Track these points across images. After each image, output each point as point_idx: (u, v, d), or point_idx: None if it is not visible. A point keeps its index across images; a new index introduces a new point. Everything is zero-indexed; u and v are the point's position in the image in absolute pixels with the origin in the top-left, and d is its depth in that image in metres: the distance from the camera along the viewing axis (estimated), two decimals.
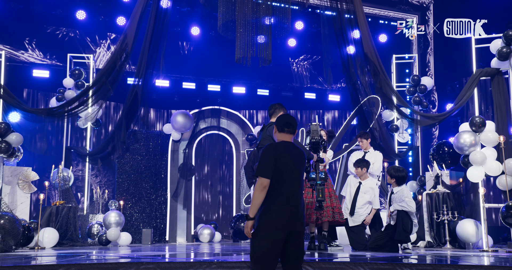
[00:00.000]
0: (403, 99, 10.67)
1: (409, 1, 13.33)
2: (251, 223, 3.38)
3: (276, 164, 3.41)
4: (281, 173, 3.40)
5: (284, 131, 3.60)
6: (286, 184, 3.41)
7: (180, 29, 13.20)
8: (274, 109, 6.27)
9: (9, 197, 8.73)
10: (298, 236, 3.39)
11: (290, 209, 3.36)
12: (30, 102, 11.82)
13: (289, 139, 3.60)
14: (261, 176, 3.37)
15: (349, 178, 7.94)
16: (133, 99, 10.05)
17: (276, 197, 3.37)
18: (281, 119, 3.62)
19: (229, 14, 9.60)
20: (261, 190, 3.36)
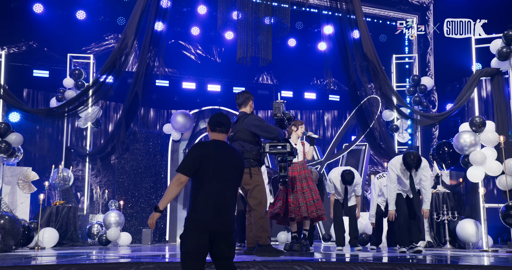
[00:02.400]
0: (403, 99, 10.67)
1: (409, 1, 13.33)
2: (157, 215, 3.33)
3: (202, 163, 3.35)
4: (207, 173, 3.35)
5: (216, 130, 3.56)
6: (212, 184, 3.34)
7: (180, 29, 13.21)
8: (244, 98, 5.94)
9: (9, 197, 8.72)
10: (225, 236, 3.34)
11: (216, 209, 3.30)
12: (30, 102, 11.82)
13: (221, 138, 3.55)
14: (181, 172, 3.32)
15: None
16: (133, 99, 10.05)
17: (202, 197, 3.32)
18: (214, 118, 3.59)
19: (229, 14, 9.60)
20: (176, 185, 3.31)
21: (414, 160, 6.51)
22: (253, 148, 5.51)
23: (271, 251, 5.47)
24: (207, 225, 3.27)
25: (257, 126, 5.51)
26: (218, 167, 3.39)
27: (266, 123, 5.57)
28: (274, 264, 4.59)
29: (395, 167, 6.74)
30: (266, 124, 5.55)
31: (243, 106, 5.91)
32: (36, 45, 11.91)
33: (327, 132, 14.55)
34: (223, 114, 3.63)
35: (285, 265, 4.57)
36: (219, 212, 3.32)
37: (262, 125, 5.53)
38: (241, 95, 5.96)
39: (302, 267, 4.52)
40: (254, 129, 5.50)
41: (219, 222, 3.32)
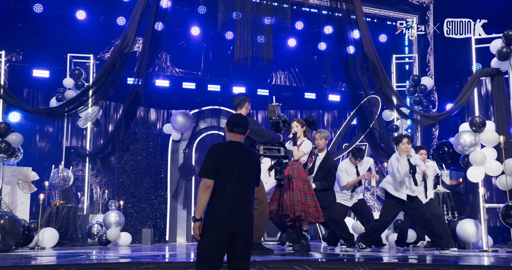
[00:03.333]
0: (403, 99, 10.67)
1: (409, 1, 13.34)
2: (198, 225, 3.37)
3: (220, 164, 3.40)
4: (225, 173, 3.39)
5: (234, 131, 3.60)
6: (231, 184, 3.39)
7: (180, 29, 13.21)
8: (240, 100, 5.88)
9: (9, 197, 8.72)
10: (243, 237, 3.38)
11: (234, 210, 3.35)
12: (30, 102, 11.81)
13: (238, 139, 3.60)
14: (204, 176, 3.37)
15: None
16: (133, 99, 10.04)
17: (220, 197, 3.37)
18: (232, 119, 3.63)
19: (229, 14, 9.61)
20: (204, 190, 3.37)
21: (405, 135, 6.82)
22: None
23: (260, 249, 5.52)
24: (226, 225, 3.32)
25: (250, 129, 5.48)
26: (236, 167, 3.44)
27: (259, 127, 5.56)
28: (274, 264, 4.59)
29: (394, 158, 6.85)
30: (260, 128, 5.54)
31: (239, 108, 5.87)
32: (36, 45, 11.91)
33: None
34: (242, 116, 3.69)
35: (285, 265, 4.57)
36: (238, 212, 3.37)
37: (255, 129, 5.53)
38: (237, 97, 5.90)
39: (302, 267, 4.53)
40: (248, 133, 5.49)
41: (238, 222, 3.36)
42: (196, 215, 3.38)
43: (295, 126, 6.74)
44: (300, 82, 14.36)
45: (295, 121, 6.80)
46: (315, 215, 6.39)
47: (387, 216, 7.09)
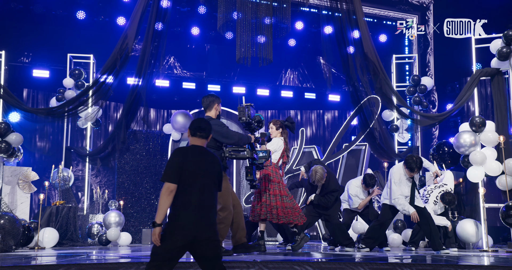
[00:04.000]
0: (403, 99, 10.67)
1: (409, 1, 13.33)
2: (158, 230, 3.33)
3: (184, 169, 3.37)
4: (188, 178, 3.37)
5: (196, 135, 3.56)
6: (194, 189, 3.37)
7: (180, 29, 13.21)
8: (208, 102, 5.76)
9: (9, 197, 8.72)
10: (208, 241, 3.36)
11: (197, 215, 3.33)
12: (30, 102, 11.81)
13: (201, 143, 3.57)
14: (167, 181, 3.34)
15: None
16: (133, 99, 10.04)
17: (183, 202, 3.34)
18: (194, 123, 3.59)
19: (229, 14, 9.61)
20: (167, 195, 3.33)
21: (417, 161, 6.66)
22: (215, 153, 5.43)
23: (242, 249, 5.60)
24: (189, 230, 3.29)
25: (216, 131, 5.46)
26: (199, 172, 3.41)
27: (226, 129, 5.53)
28: (274, 264, 4.59)
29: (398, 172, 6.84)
30: (226, 130, 5.51)
31: (208, 110, 5.78)
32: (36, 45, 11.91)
33: (327, 132, 14.55)
34: (204, 120, 3.65)
35: (285, 265, 4.58)
36: (201, 217, 3.34)
37: (221, 130, 5.50)
38: (205, 99, 5.82)
39: (302, 267, 4.53)
40: (214, 135, 5.45)
41: (201, 227, 3.33)
42: (157, 220, 3.34)
43: (270, 128, 6.77)
44: (300, 82, 14.35)
45: (271, 122, 6.83)
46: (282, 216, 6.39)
47: (385, 217, 7.15)
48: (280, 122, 6.80)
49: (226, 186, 5.50)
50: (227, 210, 5.47)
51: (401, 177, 6.83)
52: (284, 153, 6.68)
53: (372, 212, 8.07)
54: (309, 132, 14.30)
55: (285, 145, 6.69)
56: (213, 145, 5.49)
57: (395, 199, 6.80)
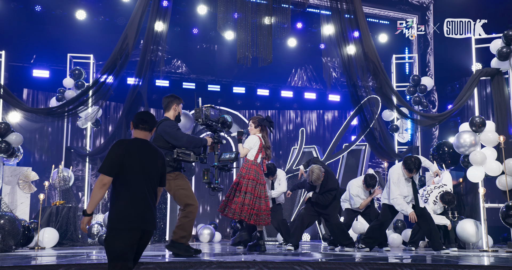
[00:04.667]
0: (403, 99, 10.67)
1: (409, 1, 13.33)
2: (87, 219, 3.36)
3: (124, 161, 3.33)
4: (130, 171, 3.33)
5: (139, 127, 3.51)
6: (136, 182, 3.34)
7: (180, 29, 13.20)
8: (167, 102, 5.76)
9: (9, 197, 8.72)
10: (148, 234, 3.40)
11: (142, 209, 3.33)
12: (30, 102, 11.81)
13: (143, 136, 3.52)
14: (103, 173, 3.31)
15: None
16: (133, 99, 10.04)
17: (127, 196, 3.32)
18: (137, 116, 3.55)
19: (229, 14, 9.60)
20: (100, 187, 3.31)
21: (415, 162, 6.66)
22: (167, 153, 5.44)
23: (181, 249, 5.45)
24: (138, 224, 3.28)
25: (167, 133, 5.46)
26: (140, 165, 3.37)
27: (175, 130, 5.46)
28: (274, 264, 4.59)
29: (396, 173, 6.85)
30: (175, 132, 5.45)
31: (166, 110, 5.77)
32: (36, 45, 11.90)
33: (327, 132, 14.55)
34: (148, 113, 3.60)
35: (285, 265, 4.58)
36: (145, 211, 3.34)
37: (170, 131, 5.47)
38: (165, 99, 5.81)
39: (302, 267, 4.53)
40: (165, 136, 5.47)
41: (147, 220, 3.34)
42: (88, 210, 3.33)
43: (250, 126, 6.79)
44: (300, 82, 14.35)
45: (251, 120, 6.83)
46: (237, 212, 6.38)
47: (385, 217, 7.17)
48: (257, 120, 6.79)
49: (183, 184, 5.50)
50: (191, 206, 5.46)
51: (399, 177, 6.84)
52: (261, 150, 6.63)
53: (374, 212, 8.07)
54: (309, 132, 14.30)
55: (263, 143, 6.64)
56: (165, 145, 5.45)
57: (393, 199, 6.82)
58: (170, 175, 5.44)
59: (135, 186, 3.34)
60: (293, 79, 14.37)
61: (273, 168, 8.01)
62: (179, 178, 5.54)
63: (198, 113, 5.67)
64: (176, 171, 5.53)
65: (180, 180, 5.53)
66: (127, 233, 3.26)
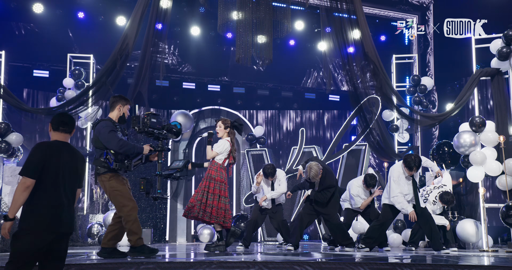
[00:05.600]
0: (403, 99, 10.67)
1: (409, 1, 13.34)
2: (9, 224, 3.28)
3: (45, 164, 3.30)
4: (49, 174, 3.30)
5: (59, 130, 3.47)
6: (55, 184, 3.31)
7: (180, 29, 13.21)
8: (111, 102, 5.55)
9: (9, 197, 8.73)
10: (65, 237, 3.36)
11: (58, 211, 3.29)
12: (30, 102, 11.82)
13: (63, 138, 3.49)
14: (26, 175, 3.26)
15: None
16: (133, 99, 10.03)
17: (43, 197, 3.28)
18: (57, 117, 3.50)
19: (229, 14, 9.60)
20: (23, 190, 3.25)
21: (416, 160, 6.67)
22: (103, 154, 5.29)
23: (144, 251, 5.35)
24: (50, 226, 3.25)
25: (100, 133, 5.27)
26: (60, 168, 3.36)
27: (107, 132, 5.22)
28: (274, 264, 4.59)
29: (397, 171, 6.85)
30: (107, 134, 5.21)
31: (110, 110, 5.58)
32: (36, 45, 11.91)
33: (327, 132, 14.56)
34: (67, 114, 3.57)
35: (285, 265, 4.58)
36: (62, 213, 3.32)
37: (104, 133, 5.25)
38: (111, 98, 5.64)
39: (302, 267, 4.53)
40: (99, 136, 5.30)
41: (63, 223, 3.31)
42: (10, 214, 3.27)
43: (218, 126, 6.72)
44: (300, 81, 14.36)
45: (220, 120, 6.77)
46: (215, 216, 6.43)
47: (386, 217, 7.17)
48: (229, 121, 6.77)
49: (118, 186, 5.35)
50: (127, 207, 5.33)
51: (400, 175, 6.84)
52: (230, 154, 6.64)
53: (374, 212, 8.07)
54: (309, 132, 14.30)
55: (232, 146, 6.64)
56: (100, 146, 5.30)
57: (393, 197, 6.81)
58: (104, 176, 5.31)
59: (52, 188, 3.31)
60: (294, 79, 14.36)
61: (272, 168, 7.98)
62: (113, 179, 5.36)
63: (134, 121, 5.42)
64: (111, 172, 5.34)
65: (114, 182, 5.35)
66: (37, 235, 3.22)
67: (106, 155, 5.21)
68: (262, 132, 12.21)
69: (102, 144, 5.28)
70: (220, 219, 6.44)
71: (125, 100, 5.58)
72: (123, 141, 5.24)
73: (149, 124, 5.41)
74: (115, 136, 5.22)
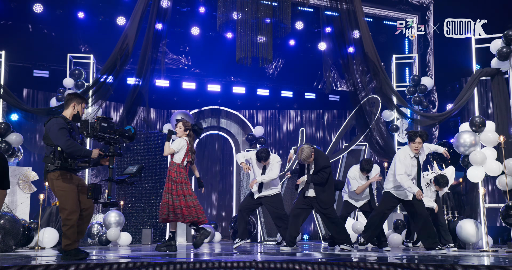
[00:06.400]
0: (403, 99, 10.67)
1: (409, 1, 13.34)
2: None
3: None
4: None
5: None
6: None
7: (180, 29, 13.21)
8: (66, 100, 5.47)
9: (9, 197, 8.73)
10: None
11: None
12: (30, 102, 11.81)
13: None
14: None
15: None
16: (133, 99, 10.04)
17: None
18: None
19: (229, 14, 9.60)
20: None
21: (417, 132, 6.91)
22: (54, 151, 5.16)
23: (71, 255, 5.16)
24: None
25: (50, 131, 5.16)
26: None
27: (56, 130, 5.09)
28: (274, 264, 4.59)
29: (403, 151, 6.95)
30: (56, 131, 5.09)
31: (65, 108, 5.47)
32: (36, 45, 11.91)
33: (326, 132, 14.56)
34: None
35: (285, 265, 4.57)
36: None
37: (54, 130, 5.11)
38: (66, 96, 5.57)
39: (302, 267, 4.53)
40: (50, 134, 5.18)
41: None
42: None
43: (178, 127, 6.87)
44: (300, 82, 14.36)
45: (181, 122, 6.92)
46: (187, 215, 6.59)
47: (385, 205, 7.16)
48: (189, 124, 6.94)
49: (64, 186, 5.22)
50: (67, 210, 5.17)
51: (406, 156, 6.89)
52: (188, 153, 6.81)
53: (374, 206, 8.04)
54: (309, 132, 14.30)
55: (189, 146, 6.83)
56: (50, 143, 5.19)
57: (399, 175, 6.78)
58: (53, 174, 5.20)
59: None
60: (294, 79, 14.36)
61: (266, 153, 7.79)
62: (61, 178, 5.22)
63: (82, 125, 5.26)
64: (60, 170, 5.20)
65: (61, 181, 5.21)
66: None
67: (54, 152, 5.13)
68: (262, 132, 12.21)
69: (51, 141, 5.17)
70: (194, 216, 6.61)
71: (81, 98, 5.50)
72: (71, 141, 5.12)
73: (98, 129, 5.23)
74: (64, 135, 5.11)
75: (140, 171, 5.60)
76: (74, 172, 5.34)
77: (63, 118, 5.31)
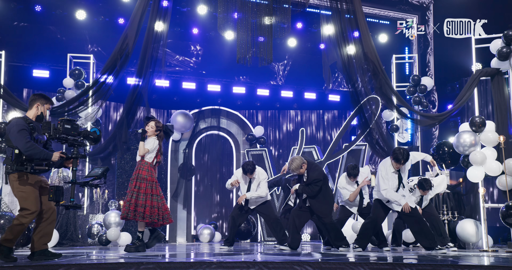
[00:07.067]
0: (403, 99, 10.67)
1: (409, 1, 13.34)
2: None
3: None
4: None
5: None
6: None
7: (180, 29, 13.21)
8: (30, 100, 5.36)
9: (9, 197, 8.72)
10: None
11: None
12: None
13: None
14: None
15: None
16: (134, 99, 10.04)
17: None
18: None
19: (229, 14, 9.60)
20: None
21: (404, 153, 6.82)
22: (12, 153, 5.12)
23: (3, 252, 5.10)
24: None
25: (10, 132, 5.08)
26: None
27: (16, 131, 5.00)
28: (274, 264, 4.59)
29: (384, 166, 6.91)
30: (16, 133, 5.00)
31: (28, 108, 5.40)
32: (36, 45, 11.91)
33: (326, 132, 14.56)
34: None
35: (285, 265, 4.57)
36: None
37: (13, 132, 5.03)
38: (30, 96, 5.47)
39: (302, 267, 4.53)
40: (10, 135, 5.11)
41: None
42: None
43: (150, 127, 6.88)
44: (300, 82, 14.35)
45: (153, 121, 6.93)
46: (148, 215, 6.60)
47: (376, 213, 7.17)
48: (161, 125, 6.96)
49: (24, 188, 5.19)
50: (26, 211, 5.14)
51: (387, 170, 6.88)
52: (158, 153, 6.88)
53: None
54: (309, 132, 14.31)
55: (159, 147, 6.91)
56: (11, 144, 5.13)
57: (384, 190, 6.82)
58: (13, 175, 5.18)
59: None
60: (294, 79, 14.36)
61: (252, 166, 7.82)
62: (21, 180, 5.19)
63: (44, 127, 5.11)
64: (18, 172, 5.16)
65: (22, 182, 5.19)
66: None
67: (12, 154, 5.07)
68: (262, 132, 12.21)
69: (12, 143, 5.10)
70: (155, 218, 6.62)
71: (45, 99, 5.41)
72: (31, 143, 5.03)
73: (61, 130, 5.10)
74: (24, 137, 5.01)
75: (105, 173, 5.53)
76: (38, 174, 5.27)
77: (25, 119, 5.21)
